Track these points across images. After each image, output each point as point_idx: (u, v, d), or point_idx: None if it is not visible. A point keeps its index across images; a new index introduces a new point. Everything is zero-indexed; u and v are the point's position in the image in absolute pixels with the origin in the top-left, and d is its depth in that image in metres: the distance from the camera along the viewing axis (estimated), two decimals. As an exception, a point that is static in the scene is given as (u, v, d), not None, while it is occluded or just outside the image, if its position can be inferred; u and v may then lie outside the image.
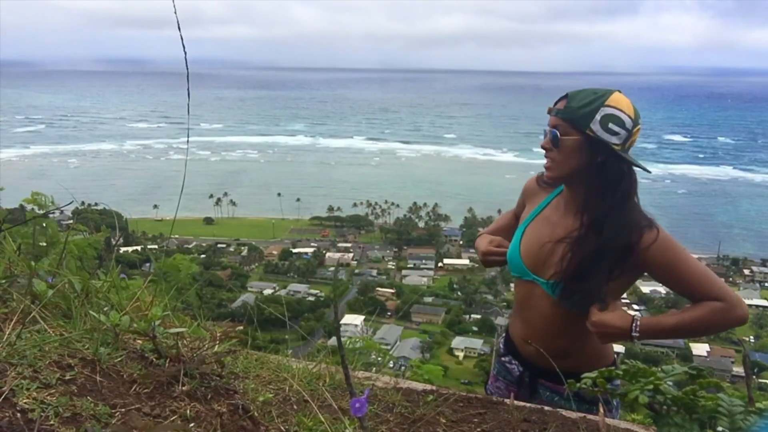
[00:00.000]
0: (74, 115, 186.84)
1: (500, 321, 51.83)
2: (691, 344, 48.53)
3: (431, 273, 65.62)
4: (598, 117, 1.70)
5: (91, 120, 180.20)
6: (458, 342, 46.92)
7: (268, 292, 55.55)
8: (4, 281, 1.37)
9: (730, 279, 64.76)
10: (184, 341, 1.37)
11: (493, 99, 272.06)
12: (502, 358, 2.05)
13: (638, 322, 1.73)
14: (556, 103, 1.80)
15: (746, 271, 66.32)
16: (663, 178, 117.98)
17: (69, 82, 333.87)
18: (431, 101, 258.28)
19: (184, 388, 1.17)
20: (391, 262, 68.82)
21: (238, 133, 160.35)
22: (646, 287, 60.14)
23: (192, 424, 1.09)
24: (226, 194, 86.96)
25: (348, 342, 2.55)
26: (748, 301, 59.76)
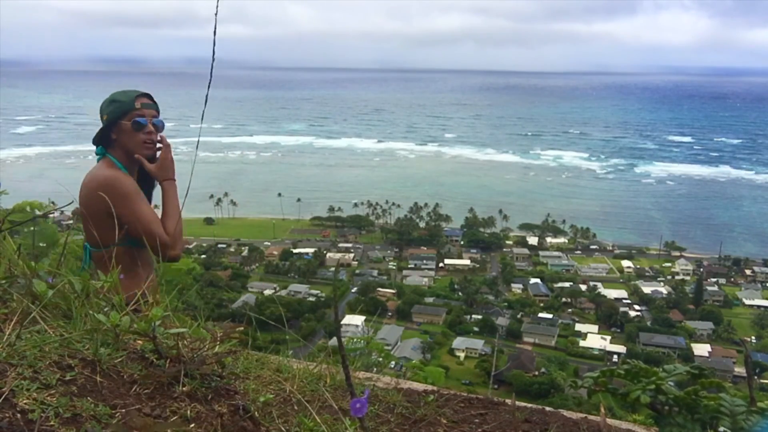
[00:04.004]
0: (71, 115, 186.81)
1: (501, 321, 51.85)
2: (692, 344, 48.51)
3: (432, 273, 65.64)
4: None
5: (88, 120, 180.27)
6: (459, 342, 46.92)
7: (268, 292, 55.58)
8: (4, 281, 1.36)
9: (732, 279, 64.76)
10: (185, 342, 1.37)
11: (492, 99, 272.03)
12: None
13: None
14: (149, 99, 2.40)
15: (748, 272, 66.21)
16: (664, 178, 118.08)
17: (64, 82, 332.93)
18: (431, 101, 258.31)
19: (184, 388, 1.17)
20: (392, 263, 68.84)
21: (238, 133, 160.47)
22: (647, 288, 60.11)
23: (192, 425, 1.09)
24: (226, 194, 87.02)
25: (349, 342, 2.54)
26: (749, 302, 58.72)
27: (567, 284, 61.54)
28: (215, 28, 1.81)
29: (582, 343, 48.94)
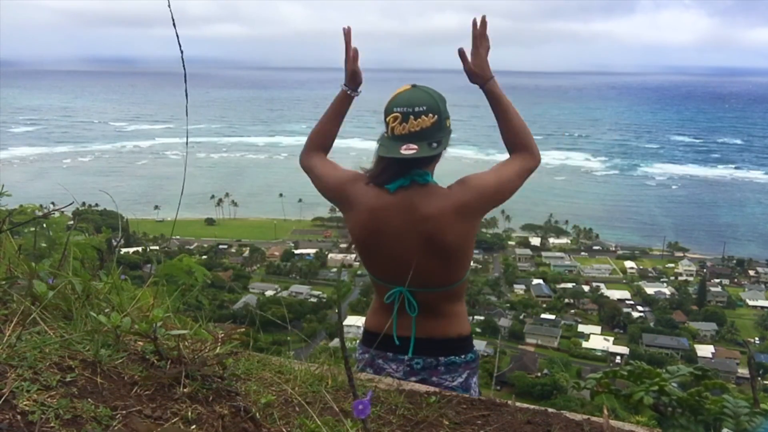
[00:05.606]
0: (65, 117, 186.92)
1: (504, 322, 51.78)
2: (695, 345, 48.38)
3: (434, 274, 65.48)
4: None
5: (85, 120, 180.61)
6: (461, 343, 46.79)
7: (269, 293, 55.62)
8: (4, 282, 1.37)
9: (735, 280, 64.58)
10: (186, 343, 1.37)
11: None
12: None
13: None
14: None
15: (751, 272, 66.05)
16: (667, 178, 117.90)
17: (58, 82, 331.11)
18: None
19: (185, 390, 1.16)
20: (393, 264, 68.71)
21: (238, 133, 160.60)
22: (650, 288, 59.94)
23: (193, 426, 1.09)
24: (227, 195, 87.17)
25: (351, 343, 2.54)
26: (753, 303, 58.98)
27: (570, 285, 61.44)
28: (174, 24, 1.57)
29: (585, 345, 48.84)
